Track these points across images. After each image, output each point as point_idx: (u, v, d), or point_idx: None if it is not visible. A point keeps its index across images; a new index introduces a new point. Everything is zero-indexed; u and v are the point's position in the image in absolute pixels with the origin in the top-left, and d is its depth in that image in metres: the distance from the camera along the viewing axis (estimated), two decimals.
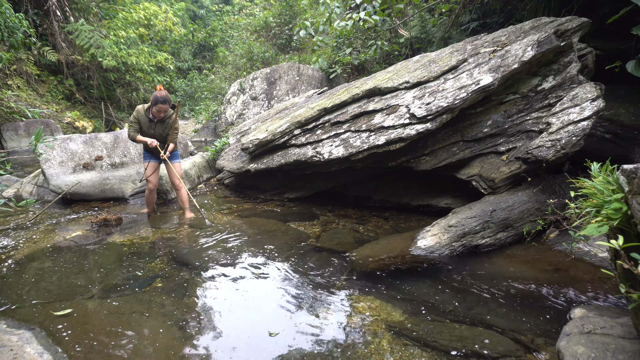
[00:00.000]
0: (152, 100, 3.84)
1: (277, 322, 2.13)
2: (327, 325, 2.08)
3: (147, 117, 3.96)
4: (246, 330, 2.05)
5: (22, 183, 5.25)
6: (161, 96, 3.81)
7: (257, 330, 2.05)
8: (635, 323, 1.45)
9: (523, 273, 2.53)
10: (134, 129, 3.96)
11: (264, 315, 2.20)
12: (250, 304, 2.33)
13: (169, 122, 4.05)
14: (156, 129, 4.01)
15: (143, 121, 3.97)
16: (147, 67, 14.23)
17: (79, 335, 1.99)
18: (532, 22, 3.95)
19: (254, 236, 3.46)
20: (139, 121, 3.97)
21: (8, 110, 10.38)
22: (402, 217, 3.90)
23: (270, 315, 2.20)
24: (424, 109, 3.40)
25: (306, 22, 8.11)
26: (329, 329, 2.05)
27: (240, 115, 9.54)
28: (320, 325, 2.09)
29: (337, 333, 2.01)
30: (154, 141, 3.90)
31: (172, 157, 4.19)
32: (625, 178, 1.35)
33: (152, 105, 3.86)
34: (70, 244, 3.39)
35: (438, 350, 1.84)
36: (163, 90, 3.88)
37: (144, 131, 4.01)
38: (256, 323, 2.13)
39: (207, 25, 20.24)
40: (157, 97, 3.81)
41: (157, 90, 3.87)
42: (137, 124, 3.97)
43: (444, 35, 6.71)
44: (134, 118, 3.96)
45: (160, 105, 3.82)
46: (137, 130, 3.98)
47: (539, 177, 3.16)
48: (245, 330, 2.06)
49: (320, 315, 2.19)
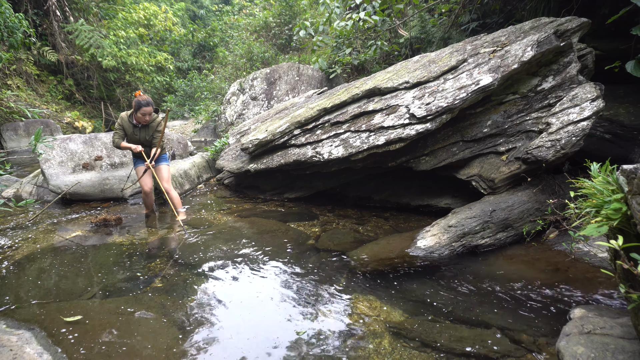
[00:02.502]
0: (134, 105, 3.82)
1: (276, 323, 2.13)
2: (327, 326, 2.08)
3: (130, 123, 3.96)
4: (246, 331, 2.05)
5: (22, 183, 5.25)
6: (143, 99, 3.80)
7: (257, 331, 2.05)
8: (635, 323, 1.45)
9: (523, 273, 2.53)
10: (118, 135, 3.96)
11: (264, 316, 2.20)
12: (250, 304, 2.33)
13: (153, 127, 4.03)
14: (141, 134, 4.00)
15: (127, 127, 3.97)
16: (147, 67, 14.24)
17: (78, 336, 1.99)
18: (532, 23, 3.95)
19: (253, 236, 3.46)
20: (123, 128, 3.97)
21: (8, 110, 10.38)
22: (401, 217, 3.90)
23: (269, 316, 2.20)
24: (424, 109, 3.40)
25: (306, 22, 8.11)
26: (329, 330, 2.05)
27: (240, 116, 9.54)
28: (321, 325, 2.09)
29: (337, 333, 2.01)
30: (137, 147, 3.91)
31: (160, 160, 4.17)
32: (624, 178, 1.35)
33: (135, 110, 3.84)
34: (69, 244, 3.39)
35: (438, 350, 1.84)
36: (143, 95, 3.88)
37: (129, 137, 4.02)
38: (256, 323, 2.13)
39: (207, 25, 20.24)
40: (139, 102, 3.79)
41: (137, 96, 3.85)
42: (121, 130, 3.97)
43: (443, 35, 6.71)
44: (119, 125, 3.96)
45: (144, 108, 3.80)
46: (121, 137, 3.98)
47: (538, 177, 3.16)
48: (245, 330, 2.06)
49: (320, 315, 2.19)
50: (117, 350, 1.88)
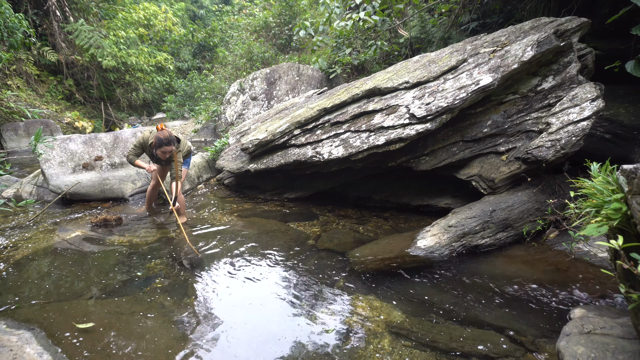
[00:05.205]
0: (155, 142, 3.60)
1: (277, 323, 2.13)
2: (327, 326, 2.08)
3: (151, 152, 3.81)
4: (246, 331, 2.05)
5: (22, 183, 5.25)
6: (164, 137, 3.54)
7: (257, 331, 2.05)
8: (635, 323, 1.45)
9: (523, 273, 2.53)
10: (134, 153, 3.83)
11: (264, 316, 2.20)
12: (250, 304, 2.33)
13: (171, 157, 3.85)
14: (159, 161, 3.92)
15: (147, 152, 3.86)
16: (147, 67, 14.25)
17: (78, 336, 1.99)
18: (532, 22, 3.95)
19: (253, 236, 3.46)
20: (143, 150, 3.85)
21: (8, 110, 10.38)
22: (401, 217, 3.90)
23: (270, 316, 2.20)
24: (424, 109, 3.40)
25: (306, 22, 8.11)
26: (329, 329, 2.05)
27: (240, 116, 9.54)
28: (321, 325, 2.09)
29: (337, 333, 2.01)
30: (151, 167, 3.78)
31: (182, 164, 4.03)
32: (624, 178, 1.35)
33: (156, 147, 3.63)
34: (69, 244, 3.39)
35: (438, 350, 1.84)
36: (165, 129, 3.62)
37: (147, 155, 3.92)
38: (256, 323, 2.13)
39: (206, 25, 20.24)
40: (160, 140, 3.55)
41: (158, 131, 3.61)
42: (139, 149, 3.85)
43: (443, 35, 6.71)
44: (139, 144, 3.82)
45: (165, 147, 3.59)
46: (137, 155, 3.86)
47: (538, 177, 3.16)
48: (245, 330, 2.06)
49: (320, 315, 2.19)
50: (117, 350, 1.88)
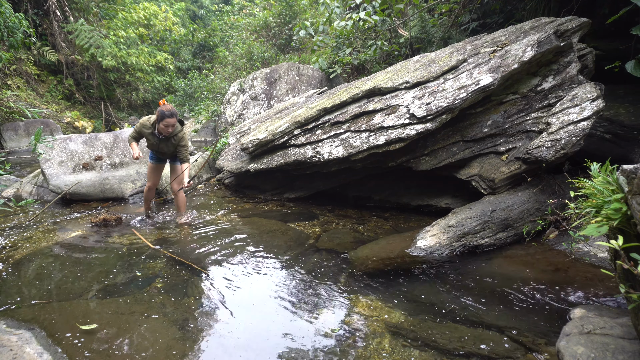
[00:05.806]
0: (157, 115, 3.61)
1: (276, 322, 2.13)
2: (328, 325, 2.08)
3: (152, 132, 3.77)
4: (246, 330, 2.05)
5: (22, 183, 5.25)
6: (167, 110, 3.57)
7: (257, 330, 2.05)
8: (635, 323, 1.45)
9: (523, 273, 2.53)
10: (133, 135, 3.84)
11: (264, 315, 2.20)
12: (250, 304, 2.33)
13: (176, 139, 3.83)
14: (160, 146, 3.83)
15: (147, 135, 3.81)
16: (147, 67, 14.24)
17: (78, 335, 1.99)
18: (532, 22, 3.95)
19: (253, 236, 3.46)
20: (141, 134, 3.83)
21: (8, 110, 10.38)
22: (401, 217, 3.89)
23: (270, 315, 2.20)
24: (424, 109, 3.40)
25: (306, 22, 8.11)
26: (329, 329, 2.05)
27: (240, 115, 9.54)
28: (321, 325, 2.09)
29: (338, 333, 2.01)
30: (135, 153, 3.74)
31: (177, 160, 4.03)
32: (625, 178, 1.35)
33: (158, 121, 3.62)
34: (69, 244, 3.39)
35: (438, 350, 1.84)
36: (167, 104, 3.65)
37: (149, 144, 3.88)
38: (256, 323, 2.13)
39: (207, 25, 20.22)
40: (163, 112, 3.56)
41: (161, 105, 3.63)
42: (138, 135, 3.84)
43: (443, 35, 6.71)
44: (138, 129, 3.81)
45: (168, 119, 3.57)
46: (135, 138, 3.84)
47: (538, 177, 3.16)
48: (245, 330, 2.06)
49: (320, 315, 2.19)
50: (117, 349, 1.88)
